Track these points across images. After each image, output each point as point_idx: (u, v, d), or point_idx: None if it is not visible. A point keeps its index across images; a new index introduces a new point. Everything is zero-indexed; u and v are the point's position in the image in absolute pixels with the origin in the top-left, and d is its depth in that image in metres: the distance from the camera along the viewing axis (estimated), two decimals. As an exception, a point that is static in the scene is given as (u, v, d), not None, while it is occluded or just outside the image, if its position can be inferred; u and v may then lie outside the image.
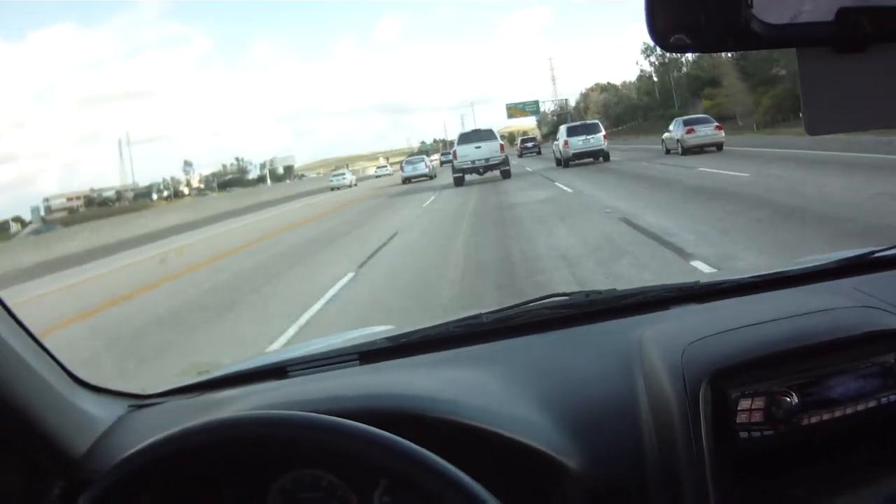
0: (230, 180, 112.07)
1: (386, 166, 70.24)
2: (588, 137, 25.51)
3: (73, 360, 1.28)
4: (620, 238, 7.78)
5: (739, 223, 7.68)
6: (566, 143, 25.63)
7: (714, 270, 5.35)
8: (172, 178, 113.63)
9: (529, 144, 49.53)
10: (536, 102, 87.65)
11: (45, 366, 1.08)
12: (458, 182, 23.77)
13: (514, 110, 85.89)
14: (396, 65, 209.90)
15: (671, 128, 24.30)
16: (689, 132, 22.64)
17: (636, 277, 5.68)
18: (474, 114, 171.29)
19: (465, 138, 24.64)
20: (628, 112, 68.05)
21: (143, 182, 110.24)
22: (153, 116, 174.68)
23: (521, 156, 45.00)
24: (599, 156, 25.30)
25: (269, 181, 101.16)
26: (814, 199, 8.71)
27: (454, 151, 24.58)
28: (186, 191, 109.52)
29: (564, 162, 25.58)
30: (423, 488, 0.79)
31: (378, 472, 1.00)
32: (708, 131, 22.54)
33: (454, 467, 0.78)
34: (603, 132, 25.96)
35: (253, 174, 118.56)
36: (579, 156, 25.28)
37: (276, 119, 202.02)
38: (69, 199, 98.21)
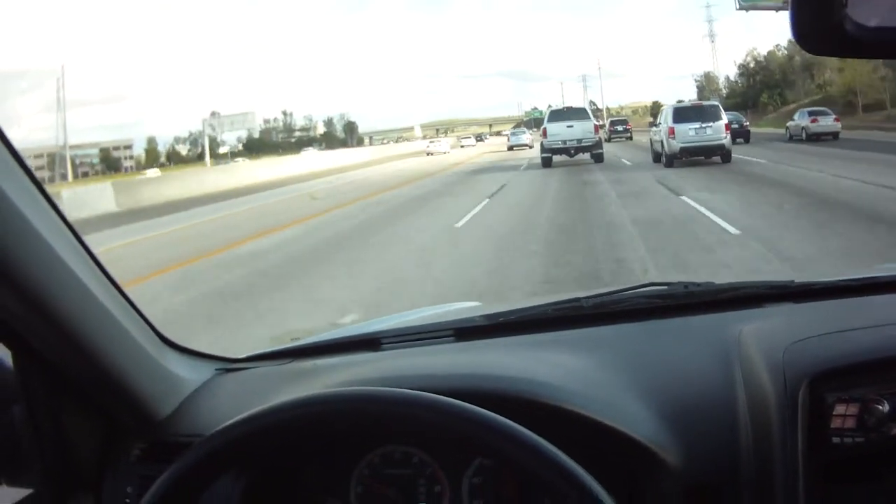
0: (254, 142, 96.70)
1: (470, 137, 79.47)
2: (704, 126, 19.15)
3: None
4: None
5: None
6: (672, 131, 19.19)
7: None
8: (199, 133, 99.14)
9: (619, 128, 48.21)
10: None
11: (134, 325, 1.12)
12: (546, 163, 23.11)
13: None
14: (512, 29, 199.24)
15: (795, 117, 29.17)
16: (812, 121, 27.52)
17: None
18: (601, 84, 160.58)
19: (557, 115, 23.76)
20: None
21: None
22: (267, 66, 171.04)
23: (608, 139, 41.49)
24: (717, 153, 19.27)
25: (230, 159, 70.59)
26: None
27: (544, 129, 23.78)
28: (186, 152, 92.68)
29: (668, 159, 19.75)
30: (526, 471, 0.84)
31: (475, 452, 1.08)
32: (828, 122, 27.41)
33: (562, 452, 0.83)
34: (724, 119, 19.69)
35: (314, 132, 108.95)
36: (690, 152, 19.12)
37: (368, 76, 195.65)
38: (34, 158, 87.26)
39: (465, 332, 1.37)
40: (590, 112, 24.51)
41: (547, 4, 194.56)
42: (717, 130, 19.03)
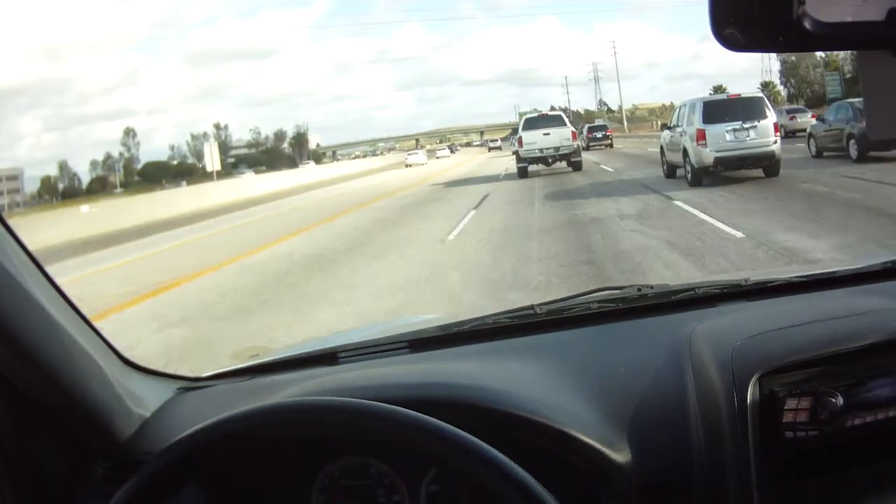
0: (152, 168, 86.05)
1: (445, 149, 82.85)
2: (745, 126, 14.03)
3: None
4: None
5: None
6: (701, 134, 14.06)
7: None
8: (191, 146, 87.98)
9: (598, 135, 44.55)
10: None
11: (95, 347, 1.17)
12: (522, 173, 22.83)
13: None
14: (515, 31, 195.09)
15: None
16: (791, 118, 27.66)
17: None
18: (619, 84, 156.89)
19: (532, 123, 23.34)
20: None
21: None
22: (266, 78, 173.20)
23: (587, 147, 38.36)
24: (762, 163, 14.25)
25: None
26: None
27: (519, 138, 23.43)
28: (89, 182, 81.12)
29: (694, 174, 14.64)
30: (476, 478, 0.85)
31: (429, 461, 1.11)
32: (806, 118, 26.02)
33: (507, 458, 0.86)
34: (772, 116, 14.78)
35: (262, 148, 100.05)
36: (727, 163, 14.08)
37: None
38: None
39: (420, 343, 1.44)
40: (566, 118, 24.18)
41: (552, 6, 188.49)
42: (764, 132, 14.07)
